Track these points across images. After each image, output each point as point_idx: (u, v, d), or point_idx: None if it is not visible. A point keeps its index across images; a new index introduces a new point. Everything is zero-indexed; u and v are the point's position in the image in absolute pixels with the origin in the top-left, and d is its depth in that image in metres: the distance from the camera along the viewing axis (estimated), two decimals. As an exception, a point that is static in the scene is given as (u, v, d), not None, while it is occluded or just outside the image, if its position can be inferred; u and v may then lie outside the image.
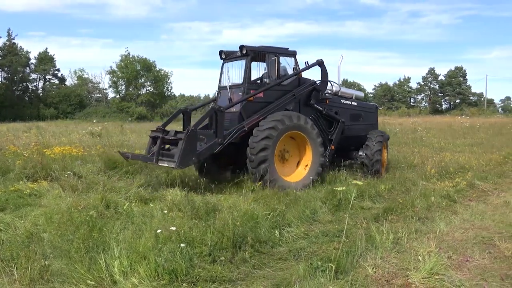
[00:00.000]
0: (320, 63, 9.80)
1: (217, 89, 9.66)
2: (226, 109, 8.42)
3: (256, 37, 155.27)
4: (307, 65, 9.72)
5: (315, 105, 9.50)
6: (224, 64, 9.50)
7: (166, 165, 8.02)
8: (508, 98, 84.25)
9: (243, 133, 8.41)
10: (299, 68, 9.49)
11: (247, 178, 8.63)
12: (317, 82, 9.70)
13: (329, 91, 10.37)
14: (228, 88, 9.10)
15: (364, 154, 10.03)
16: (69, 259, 4.36)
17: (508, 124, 25.76)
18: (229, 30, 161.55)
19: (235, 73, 9.26)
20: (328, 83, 10.09)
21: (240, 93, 8.88)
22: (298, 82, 9.44)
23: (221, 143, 8.14)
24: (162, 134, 8.35)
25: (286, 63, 9.45)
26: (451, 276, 4.20)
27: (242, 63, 9.08)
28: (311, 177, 8.67)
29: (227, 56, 9.42)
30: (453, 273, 4.28)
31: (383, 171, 10.25)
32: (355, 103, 10.83)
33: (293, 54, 9.49)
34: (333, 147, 9.65)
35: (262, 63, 9.46)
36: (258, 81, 9.61)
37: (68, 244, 4.74)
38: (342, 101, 10.44)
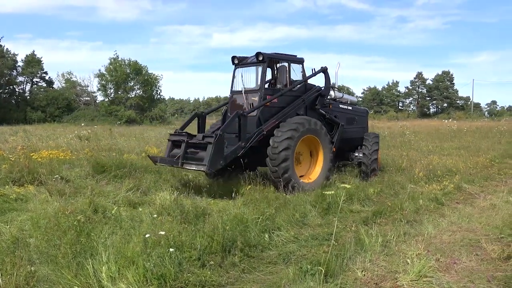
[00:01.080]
0: (324, 70, 10.26)
1: (229, 94, 9.89)
2: (248, 114, 8.69)
3: (246, 41, 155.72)
4: (313, 71, 10.17)
5: (320, 109, 9.94)
6: (237, 69, 9.74)
7: (194, 168, 8.22)
8: (494, 102, 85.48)
9: (261, 137, 8.70)
10: (306, 75, 9.92)
11: (238, 181, 8.64)
12: (322, 88, 10.14)
13: (329, 96, 10.81)
14: (243, 93, 9.37)
15: (362, 154, 10.57)
16: (56, 264, 4.30)
17: (494, 128, 26.13)
18: (219, 33, 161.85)
19: (246, 78, 9.59)
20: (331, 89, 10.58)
21: (253, 98, 9.20)
22: (305, 88, 9.88)
23: (244, 147, 8.40)
24: (187, 138, 8.42)
25: (292, 69, 9.83)
26: (439, 278, 4.25)
27: (255, 68, 9.50)
28: (322, 179, 9.19)
29: (239, 62, 9.70)
30: (441, 275, 4.33)
31: (378, 170, 10.71)
32: (350, 108, 11.32)
33: (301, 61, 9.94)
34: (334, 149, 9.98)
35: (268, 68, 9.81)
36: (266, 86, 9.88)
37: (55, 249, 4.67)
38: (340, 105, 10.93)
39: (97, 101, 55.26)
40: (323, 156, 9.36)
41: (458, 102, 78.47)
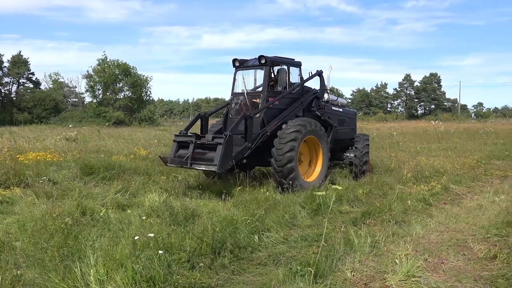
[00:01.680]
0: (319, 74, 10.63)
1: (230, 95, 10.07)
2: (255, 115, 8.90)
3: (236, 42, 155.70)
4: (310, 75, 10.56)
5: (316, 111, 10.21)
6: (238, 72, 9.93)
7: (204, 168, 8.40)
8: (480, 104, 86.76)
9: (266, 137, 8.91)
10: (303, 78, 10.28)
11: (228, 182, 8.61)
12: (318, 91, 10.49)
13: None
14: (245, 94, 9.58)
15: (354, 155, 10.87)
16: (43, 268, 4.24)
17: (481, 129, 26.52)
18: (209, 35, 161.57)
19: (247, 80, 9.85)
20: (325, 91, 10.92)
21: (255, 100, 9.50)
22: (302, 90, 10.18)
23: (250, 147, 8.62)
24: (195, 139, 8.56)
25: (290, 72, 10.12)
26: (427, 278, 4.29)
27: (256, 71, 9.83)
28: (322, 177, 9.52)
29: (240, 64, 9.90)
30: (429, 275, 4.37)
31: (368, 170, 10.98)
32: (341, 110, 11.61)
33: (298, 64, 10.27)
34: None
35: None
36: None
37: (42, 252, 4.60)
38: (333, 107, 11.20)
39: (85, 102, 54.69)
40: (322, 156, 9.65)
41: (445, 103, 79.49)
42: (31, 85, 56.98)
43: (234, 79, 9.95)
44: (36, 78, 57.28)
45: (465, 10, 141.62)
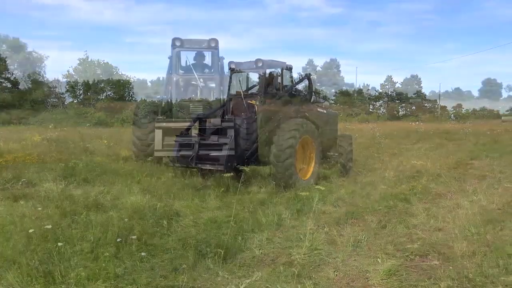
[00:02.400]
0: (308, 77, 11.09)
1: (226, 97, 10.41)
2: (255, 117, 9.28)
3: (222, 43, 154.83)
4: (300, 77, 11.06)
5: (305, 113, 10.48)
6: (233, 74, 10.34)
7: (209, 167, 8.73)
8: (459, 105, 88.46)
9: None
10: (294, 81, 10.72)
11: (212, 183, 8.58)
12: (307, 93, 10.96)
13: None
14: (242, 96, 9.89)
15: (339, 154, 11.23)
16: None
17: (460, 130, 27.05)
18: (194, 35, 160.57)
19: (243, 82, 10.33)
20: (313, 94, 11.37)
21: (250, 101, 9.84)
22: (293, 93, 10.54)
23: (250, 148, 9.03)
24: (199, 139, 8.85)
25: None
26: (408, 276, 4.37)
27: (252, 74, 10.36)
28: (315, 176, 9.86)
29: (236, 67, 10.26)
30: (410, 272, 4.45)
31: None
32: (325, 111, 11.89)
33: (290, 67, 10.68)
34: None
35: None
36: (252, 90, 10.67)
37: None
38: (318, 109, 11.48)
39: (66, 103, 53.74)
40: (315, 156, 9.95)
41: (426, 105, 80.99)
42: (9, 85, 55.72)
43: (230, 81, 10.31)
44: (15, 77, 56.09)
45: (446, 13, 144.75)
